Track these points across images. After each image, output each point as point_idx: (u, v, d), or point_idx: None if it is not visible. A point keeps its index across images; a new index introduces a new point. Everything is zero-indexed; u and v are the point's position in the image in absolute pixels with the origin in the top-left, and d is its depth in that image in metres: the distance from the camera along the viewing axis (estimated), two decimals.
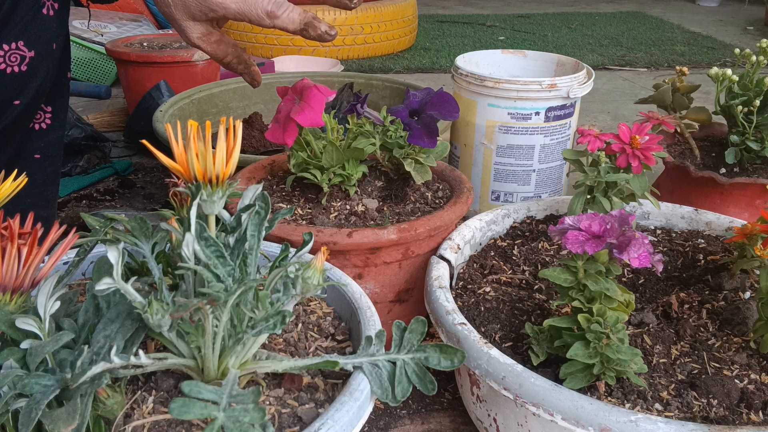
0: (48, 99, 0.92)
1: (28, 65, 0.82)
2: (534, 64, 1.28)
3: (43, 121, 0.93)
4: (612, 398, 0.61)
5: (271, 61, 2.00)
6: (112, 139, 1.69)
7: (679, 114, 1.15)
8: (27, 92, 0.84)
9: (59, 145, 0.97)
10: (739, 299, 0.74)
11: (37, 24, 0.82)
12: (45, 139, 0.94)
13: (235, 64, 0.81)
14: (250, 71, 0.83)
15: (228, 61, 0.80)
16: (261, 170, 0.95)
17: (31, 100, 0.86)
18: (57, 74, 0.91)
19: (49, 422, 0.43)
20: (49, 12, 0.82)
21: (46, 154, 0.95)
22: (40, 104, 0.91)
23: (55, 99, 0.93)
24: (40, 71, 0.84)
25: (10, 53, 0.79)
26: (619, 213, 0.63)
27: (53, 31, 0.84)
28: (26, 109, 0.86)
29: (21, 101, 0.84)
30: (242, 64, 0.81)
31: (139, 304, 0.48)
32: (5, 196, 0.52)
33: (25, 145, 0.93)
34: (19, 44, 0.80)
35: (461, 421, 0.80)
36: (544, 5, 4.35)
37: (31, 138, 0.93)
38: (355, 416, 0.51)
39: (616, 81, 2.47)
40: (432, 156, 0.88)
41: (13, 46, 0.79)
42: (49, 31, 0.83)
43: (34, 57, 0.82)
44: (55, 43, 0.85)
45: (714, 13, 4.13)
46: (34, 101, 0.87)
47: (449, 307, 0.69)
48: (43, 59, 0.84)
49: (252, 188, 0.56)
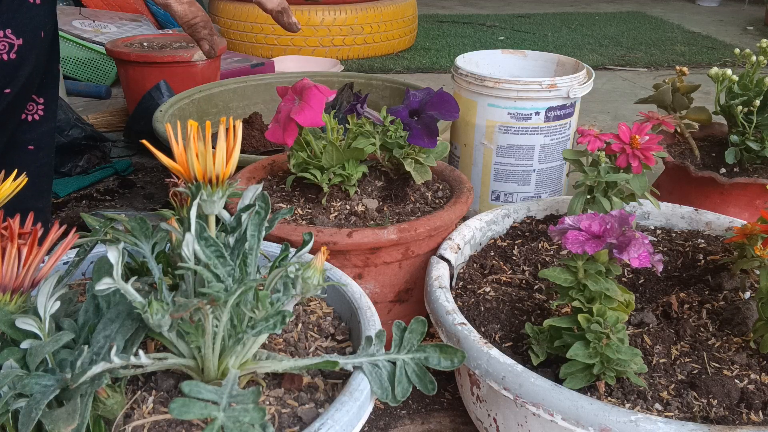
0: (39, 90, 0.94)
1: (17, 53, 0.83)
2: (534, 64, 1.28)
3: (36, 113, 0.95)
4: (612, 398, 0.61)
5: (271, 61, 2.00)
6: (112, 139, 1.69)
7: (679, 114, 1.15)
8: (17, 80, 0.85)
9: (52, 136, 0.99)
10: (739, 299, 0.74)
11: (23, 12, 0.82)
12: (38, 130, 0.96)
13: (201, 27, 0.81)
14: (212, 39, 0.83)
15: (195, 22, 0.80)
16: (261, 170, 0.95)
17: (22, 88, 0.87)
18: (47, 64, 0.93)
19: (49, 422, 0.43)
20: (35, 1, 0.83)
21: (39, 146, 0.96)
22: (32, 94, 0.93)
23: (46, 90, 0.95)
24: (29, 59, 0.85)
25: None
26: (619, 213, 0.63)
27: (40, 19, 0.85)
28: (17, 98, 0.87)
29: (11, 89, 0.85)
30: (208, 29, 0.81)
31: (139, 304, 0.48)
32: (5, 196, 0.52)
33: (19, 136, 0.94)
34: (7, 32, 0.80)
35: (461, 421, 0.80)
36: (544, 5, 4.35)
37: (24, 129, 0.95)
38: (355, 416, 0.51)
39: (616, 81, 2.47)
40: (432, 156, 0.88)
41: (0, 34, 0.79)
42: (36, 19, 0.84)
43: (22, 45, 0.83)
44: (43, 31, 0.85)
45: (714, 13, 4.13)
46: (24, 90, 0.88)
47: (449, 307, 0.69)
48: (32, 47, 0.85)
49: (252, 188, 0.56)
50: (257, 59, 2.00)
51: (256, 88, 1.57)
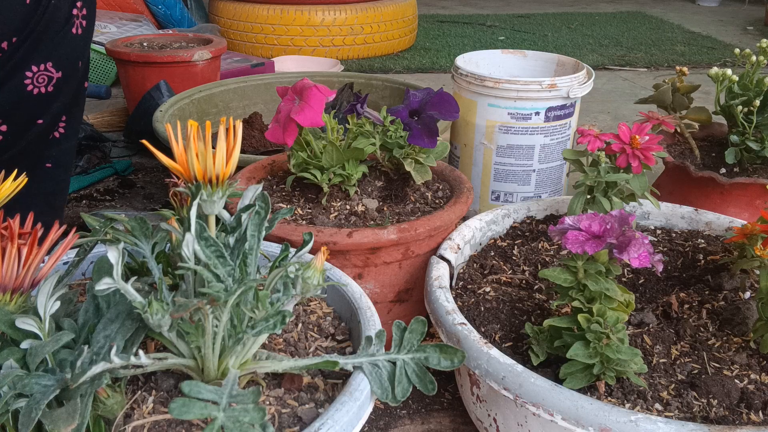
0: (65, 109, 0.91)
1: (54, 86, 0.81)
2: (534, 64, 1.28)
3: (57, 130, 0.92)
4: (612, 398, 0.61)
5: (271, 61, 2.00)
6: (112, 139, 1.69)
7: (679, 114, 1.15)
8: (50, 112, 0.84)
9: (71, 153, 0.96)
10: (739, 299, 0.74)
11: (66, 44, 0.81)
12: (59, 147, 0.93)
13: None
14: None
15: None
16: (261, 170, 0.95)
17: (53, 117, 0.85)
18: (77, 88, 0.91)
19: (49, 422, 0.43)
20: (78, 31, 0.82)
21: (57, 163, 0.94)
22: (61, 119, 0.90)
23: (71, 109, 0.93)
24: (65, 91, 0.84)
25: (39, 75, 0.79)
26: (619, 213, 0.63)
27: (80, 49, 0.83)
28: (48, 126, 0.86)
29: (44, 120, 0.83)
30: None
31: (139, 304, 0.48)
32: (5, 196, 0.52)
33: (39, 153, 0.92)
34: (48, 65, 0.79)
35: (461, 421, 0.80)
36: (544, 5, 4.35)
37: (44, 146, 0.92)
38: (355, 416, 0.51)
39: (616, 81, 2.47)
40: (432, 156, 0.88)
41: (42, 67, 0.79)
42: (77, 50, 0.83)
43: (60, 77, 0.81)
44: (80, 60, 0.84)
45: (714, 13, 4.13)
46: (55, 118, 0.86)
47: (449, 307, 0.69)
48: (69, 79, 0.83)
49: (252, 188, 0.56)
50: (257, 59, 2.00)
51: (256, 88, 1.57)
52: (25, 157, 0.87)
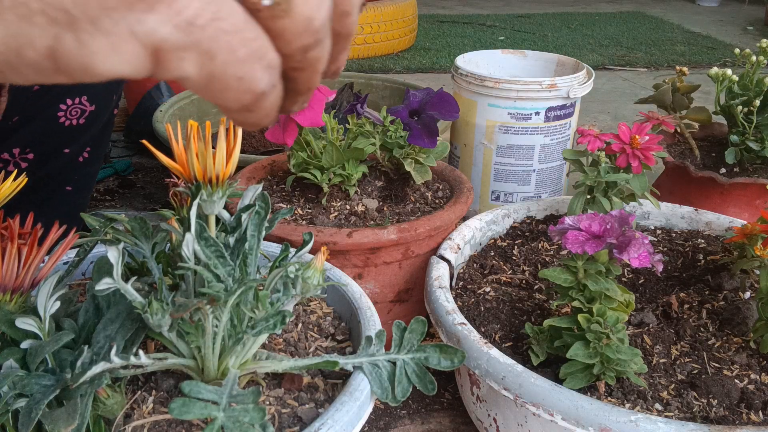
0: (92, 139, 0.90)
1: (86, 118, 0.80)
2: (534, 64, 1.28)
3: (82, 155, 0.90)
4: (612, 398, 0.61)
5: None
6: (112, 139, 1.69)
7: (679, 114, 1.15)
8: (78, 142, 0.83)
9: (93, 178, 0.95)
10: (739, 299, 0.74)
11: None
12: (80, 171, 0.91)
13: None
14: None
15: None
16: (261, 170, 0.95)
17: (80, 147, 0.85)
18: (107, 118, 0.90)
19: (49, 422, 0.43)
20: None
21: (78, 187, 0.92)
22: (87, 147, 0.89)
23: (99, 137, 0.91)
24: (96, 123, 0.83)
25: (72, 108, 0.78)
26: (619, 213, 0.63)
27: (115, 83, 0.82)
28: (74, 155, 0.85)
29: (71, 149, 0.82)
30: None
31: (139, 304, 0.48)
32: (5, 197, 0.52)
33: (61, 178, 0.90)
34: (83, 99, 0.79)
35: (461, 421, 0.80)
36: (544, 5, 4.35)
37: (67, 171, 0.90)
38: (355, 416, 0.51)
39: (616, 81, 2.47)
40: (432, 156, 0.88)
41: (76, 101, 0.78)
42: (112, 84, 0.82)
43: (93, 111, 0.81)
44: (115, 94, 0.84)
45: (714, 13, 4.13)
46: (82, 147, 0.86)
47: (449, 307, 0.69)
48: (101, 112, 0.82)
49: (252, 188, 0.56)
50: None
51: None
52: (48, 182, 0.87)
